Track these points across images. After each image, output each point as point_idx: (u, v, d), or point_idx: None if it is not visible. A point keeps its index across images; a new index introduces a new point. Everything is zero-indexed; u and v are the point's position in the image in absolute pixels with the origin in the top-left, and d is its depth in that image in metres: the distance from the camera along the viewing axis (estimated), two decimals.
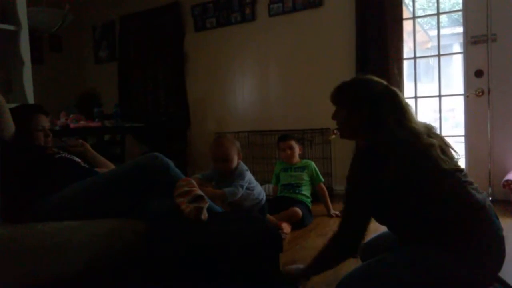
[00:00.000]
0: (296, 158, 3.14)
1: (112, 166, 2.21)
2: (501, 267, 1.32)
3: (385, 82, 1.52)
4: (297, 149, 3.14)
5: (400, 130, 1.38)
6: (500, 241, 1.30)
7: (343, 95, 1.54)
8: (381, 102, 1.44)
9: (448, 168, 1.35)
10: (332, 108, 1.61)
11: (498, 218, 1.35)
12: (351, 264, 1.70)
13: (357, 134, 1.54)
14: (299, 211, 2.80)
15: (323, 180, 3.15)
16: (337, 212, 3.00)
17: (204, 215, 1.48)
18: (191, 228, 1.43)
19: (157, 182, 1.66)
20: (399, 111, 1.43)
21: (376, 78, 1.54)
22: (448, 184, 1.33)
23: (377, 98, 1.45)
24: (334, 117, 1.58)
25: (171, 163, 1.72)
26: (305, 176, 3.07)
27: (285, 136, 3.21)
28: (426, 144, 1.36)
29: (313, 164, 3.16)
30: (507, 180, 2.88)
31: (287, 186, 3.09)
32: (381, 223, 1.51)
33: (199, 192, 1.57)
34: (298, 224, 2.77)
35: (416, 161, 1.33)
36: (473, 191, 1.34)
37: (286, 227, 2.65)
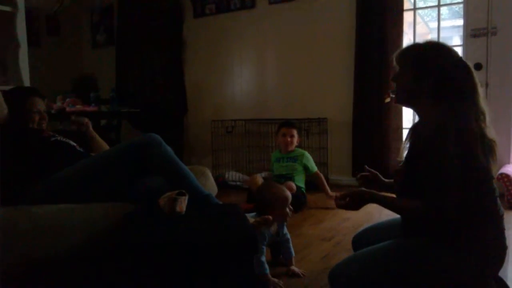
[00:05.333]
0: (293, 147, 3.14)
1: (107, 148, 2.21)
2: (497, 273, 1.34)
3: (459, 54, 1.39)
4: (296, 139, 3.16)
5: (470, 105, 1.28)
6: (504, 251, 1.31)
7: (412, 56, 1.39)
8: (453, 74, 1.31)
9: (492, 171, 1.29)
10: (329, 97, 1.59)
11: (505, 229, 1.35)
12: (343, 255, 1.72)
13: (417, 103, 1.41)
14: (293, 184, 2.83)
15: (316, 169, 3.16)
16: (336, 194, 2.96)
17: (180, 207, 1.42)
18: (162, 222, 1.39)
19: (149, 158, 1.67)
20: (470, 89, 1.31)
21: (451, 47, 1.40)
22: (486, 189, 1.30)
23: (449, 68, 1.32)
24: (394, 79, 1.45)
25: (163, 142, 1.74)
26: (298, 167, 3.08)
27: (289, 123, 3.23)
28: (491, 140, 1.28)
29: (306, 154, 3.16)
30: (502, 174, 2.90)
31: (279, 176, 3.10)
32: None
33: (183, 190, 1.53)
34: (294, 205, 2.78)
35: (479, 154, 1.24)
36: (499, 202, 1.33)
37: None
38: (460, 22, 3.42)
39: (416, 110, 1.47)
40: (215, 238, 1.29)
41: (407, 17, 3.57)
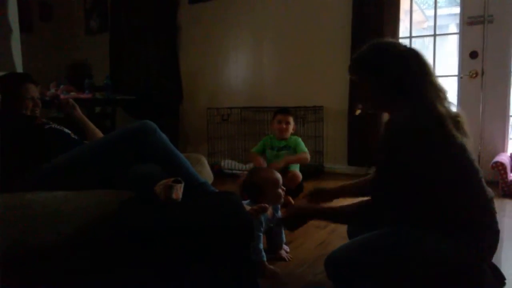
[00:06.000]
0: (288, 135, 3.11)
1: (101, 135, 2.19)
2: (491, 258, 1.35)
3: (403, 44, 1.38)
4: (292, 126, 3.12)
5: (431, 89, 1.27)
6: (496, 235, 1.32)
7: (363, 65, 1.39)
8: (407, 63, 1.30)
9: (471, 152, 1.30)
10: (325, 85, 1.58)
11: (496, 212, 1.35)
12: (338, 242, 1.73)
13: (384, 106, 1.40)
14: (299, 173, 2.80)
15: (306, 150, 3.07)
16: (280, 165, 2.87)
17: (176, 194, 1.41)
18: (158, 208, 1.39)
19: (144, 145, 1.67)
20: (425, 71, 1.30)
21: (392, 41, 1.41)
22: (468, 172, 1.30)
23: (401, 60, 1.31)
24: (357, 92, 1.44)
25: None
26: (293, 155, 3.06)
27: (285, 109, 3.18)
28: (457, 116, 1.28)
29: (298, 139, 3.12)
30: (496, 162, 2.91)
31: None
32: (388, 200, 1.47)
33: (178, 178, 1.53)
34: (294, 192, 2.80)
35: (450, 141, 1.24)
36: (484, 184, 1.33)
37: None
38: (457, 9, 3.41)
39: (388, 112, 1.43)
40: (211, 225, 1.29)
41: (404, 4, 3.55)
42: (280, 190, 1.81)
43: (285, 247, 1.89)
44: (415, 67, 1.30)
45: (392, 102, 1.34)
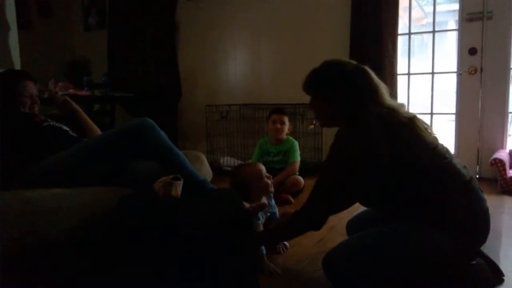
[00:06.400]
0: (283, 136, 3.05)
1: (100, 133, 2.19)
2: (486, 239, 1.35)
3: (354, 62, 1.49)
4: (287, 127, 3.05)
5: (378, 107, 1.37)
6: (485, 213, 1.33)
7: (315, 83, 1.50)
8: (353, 81, 1.41)
9: (432, 141, 1.36)
10: None
11: (482, 191, 1.37)
12: (338, 239, 1.73)
13: (336, 120, 1.50)
14: (300, 179, 2.80)
15: (298, 159, 3.02)
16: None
17: (175, 191, 1.43)
18: (157, 205, 1.39)
19: (143, 143, 1.67)
20: (372, 89, 1.41)
21: (345, 59, 1.51)
22: (435, 158, 1.34)
23: (348, 78, 1.42)
24: (310, 106, 1.55)
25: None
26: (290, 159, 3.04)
27: (280, 109, 3.12)
28: (408, 117, 1.36)
29: (295, 144, 3.06)
30: (495, 159, 2.92)
31: (271, 169, 3.00)
32: (365, 205, 1.53)
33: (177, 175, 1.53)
34: (295, 192, 2.81)
35: (403, 135, 1.32)
36: (458, 165, 1.36)
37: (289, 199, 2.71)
38: (456, 6, 3.40)
39: (340, 127, 1.59)
40: (210, 222, 1.29)
41: (403, 1, 3.54)
42: (266, 180, 1.86)
43: (285, 243, 1.90)
44: (361, 85, 1.40)
45: (341, 118, 1.45)
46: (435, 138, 1.39)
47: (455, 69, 3.39)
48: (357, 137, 1.34)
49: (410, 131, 1.34)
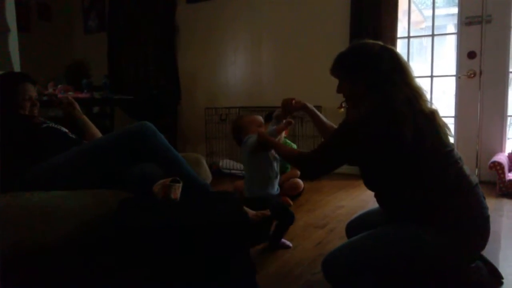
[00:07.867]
0: (281, 140, 3.03)
1: (100, 135, 2.18)
2: (485, 245, 1.35)
3: (381, 43, 1.48)
4: (283, 133, 3.04)
5: (407, 87, 1.36)
6: (486, 220, 1.32)
7: (342, 66, 1.49)
8: (381, 62, 1.39)
9: (449, 143, 1.35)
10: (323, 85, 1.60)
11: (485, 198, 1.36)
12: (337, 242, 1.73)
13: (366, 100, 1.44)
14: (300, 182, 2.81)
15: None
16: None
17: (175, 194, 1.42)
18: (157, 208, 1.39)
19: (143, 146, 1.67)
20: (401, 68, 1.40)
21: (371, 41, 1.49)
22: (447, 160, 1.33)
23: (375, 59, 1.40)
24: (338, 90, 1.54)
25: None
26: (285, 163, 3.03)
27: (271, 116, 3.10)
28: (430, 110, 1.36)
29: (294, 147, 3.04)
30: (494, 162, 2.92)
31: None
32: (372, 189, 1.51)
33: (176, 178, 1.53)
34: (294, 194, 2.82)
35: (422, 128, 1.30)
36: (467, 171, 1.35)
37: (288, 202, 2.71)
38: (455, 10, 3.41)
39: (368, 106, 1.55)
40: (209, 225, 1.29)
41: (402, 4, 3.55)
42: (263, 130, 2.01)
43: (287, 243, 1.95)
44: (387, 66, 1.39)
45: (362, 99, 1.42)
46: (450, 142, 1.39)
47: (454, 73, 3.40)
48: (385, 115, 1.32)
49: (431, 123, 1.34)
